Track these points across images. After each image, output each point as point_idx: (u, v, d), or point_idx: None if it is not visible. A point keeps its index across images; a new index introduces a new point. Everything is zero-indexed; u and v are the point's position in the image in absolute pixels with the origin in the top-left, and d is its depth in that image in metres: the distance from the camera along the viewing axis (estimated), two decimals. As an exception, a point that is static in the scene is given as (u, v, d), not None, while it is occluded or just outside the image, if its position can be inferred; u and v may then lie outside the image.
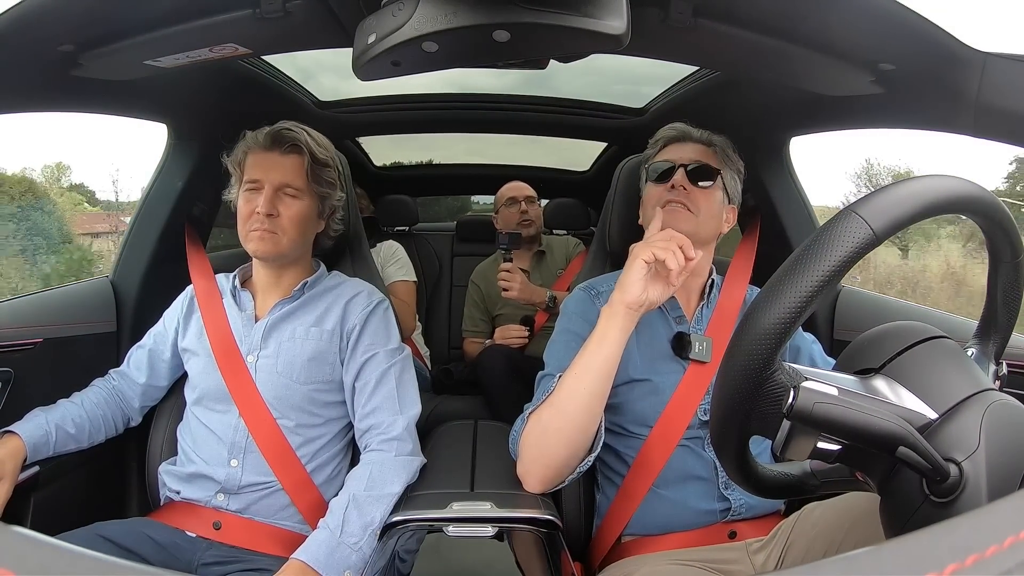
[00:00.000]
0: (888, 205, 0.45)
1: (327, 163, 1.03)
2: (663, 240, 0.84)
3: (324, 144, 1.04)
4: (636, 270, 0.83)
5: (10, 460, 0.89)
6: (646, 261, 0.83)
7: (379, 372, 1.00)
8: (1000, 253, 0.52)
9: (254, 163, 0.99)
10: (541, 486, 0.87)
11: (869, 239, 0.44)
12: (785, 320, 0.45)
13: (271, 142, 0.99)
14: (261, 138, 1.00)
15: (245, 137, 1.02)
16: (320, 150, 1.02)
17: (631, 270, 0.84)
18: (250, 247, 0.99)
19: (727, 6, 0.75)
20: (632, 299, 0.83)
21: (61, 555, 0.26)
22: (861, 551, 0.24)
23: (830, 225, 0.45)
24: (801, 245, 0.46)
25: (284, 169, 0.98)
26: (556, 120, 1.91)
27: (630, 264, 0.85)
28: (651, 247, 0.83)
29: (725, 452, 0.54)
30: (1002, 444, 0.44)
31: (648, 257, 0.82)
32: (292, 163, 0.99)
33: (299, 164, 0.99)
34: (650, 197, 1.00)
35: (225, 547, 0.94)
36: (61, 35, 0.77)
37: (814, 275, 0.44)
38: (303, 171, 0.99)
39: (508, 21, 0.61)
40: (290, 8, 0.74)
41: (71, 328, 1.16)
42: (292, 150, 0.99)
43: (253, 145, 1.00)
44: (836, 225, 0.45)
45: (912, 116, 0.98)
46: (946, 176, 0.47)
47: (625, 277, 0.85)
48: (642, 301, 0.84)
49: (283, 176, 0.98)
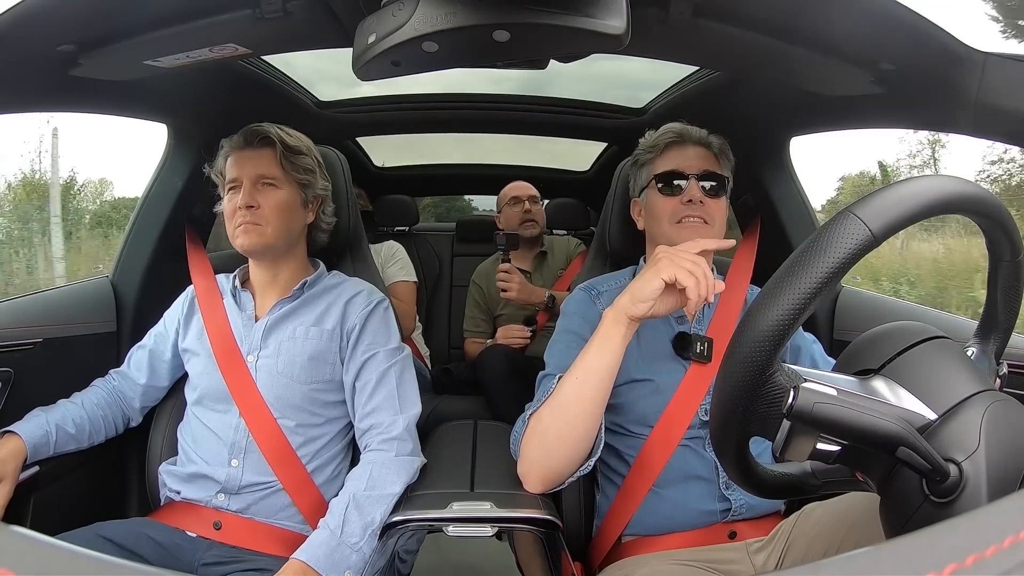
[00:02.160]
0: (886, 206, 0.44)
1: (300, 150, 1.05)
2: (691, 263, 0.79)
3: (296, 135, 1.07)
4: (654, 286, 0.79)
5: (11, 460, 0.89)
6: (666, 280, 0.79)
7: (379, 372, 1.00)
8: (1000, 252, 0.52)
9: (232, 164, 1.03)
10: (542, 486, 0.87)
11: (867, 241, 0.44)
12: (783, 322, 0.45)
13: (244, 141, 1.03)
14: (235, 140, 1.04)
15: (223, 146, 1.05)
16: (291, 139, 1.04)
17: (648, 284, 0.80)
18: (237, 243, 1.01)
19: (727, 6, 0.75)
20: (639, 314, 0.81)
21: (61, 555, 0.26)
22: (861, 551, 0.24)
23: (828, 227, 0.45)
24: (799, 247, 0.46)
25: (258, 162, 1.01)
26: (556, 120, 1.90)
27: (651, 277, 0.80)
28: (676, 269, 0.78)
29: (725, 454, 0.54)
30: (1002, 444, 0.44)
31: (670, 279, 0.79)
32: (265, 155, 1.02)
33: (273, 155, 1.02)
34: (663, 211, 0.97)
35: (225, 547, 0.94)
36: (61, 35, 0.77)
37: (811, 278, 0.44)
38: (277, 160, 1.02)
39: (508, 21, 0.61)
40: (290, 8, 0.74)
41: (71, 328, 1.16)
42: (264, 143, 1.02)
43: (229, 149, 1.04)
44: (834, 227, 0.45)
45: (912, 116, 0.98)
46: (944, 176, 0.48)
47: (640, 288, 0.81)
48: (648, 316, 0.82)
49: (258, 168, 1.01)
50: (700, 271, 0.78)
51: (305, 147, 1.06)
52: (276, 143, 1.02)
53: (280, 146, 1.02)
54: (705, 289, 0.78)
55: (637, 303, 0.81)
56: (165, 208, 1.29)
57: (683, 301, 0.81)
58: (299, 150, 1.05)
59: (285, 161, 1.02)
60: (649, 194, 1.01)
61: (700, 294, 0.77)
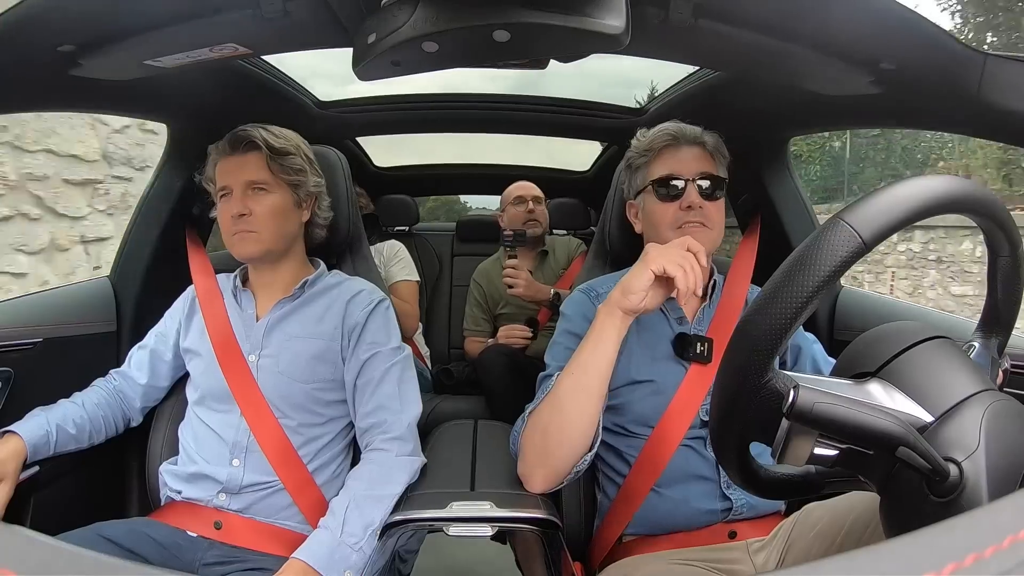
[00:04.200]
0: (876, 212, 0.45)
1: (287, 151, 1.04)
2: (679, 254, 0.82)
3: (282, 135, 1.05)
4: (644, 279, 0.82)
5: (11, 460, 0.89)
6: (655, 272, 0.81)
7: (380, 371, 1.00)
8: (998, 248, 0.52)
9: (221, 171, 1.02)
10: (543, 486, 0.87)
11: (857, 248, 0.44)
12: (776, 331, 0.45)
13: (230, 146, 1.02)
14: (221, 145, 1.03)
15: (210, 152, 1.05)
16: (277, 140, 1.03)
17: (639, 277, 0.82)
18: (235, 252, 1.01)
19: (727, 6, 0.75)
20: (631, 305, 0.83)
21: (61, 555, 0.26)
22: (861, 551, 0.24)
23: (818, 236, 0.45)
24: (791, 255, 0.46)
25: (246, 167, 1.01)
26: (556, 120, 1.91)
27: (641, 270, 0.82)
28: (665, 261, 0.81)
29: (725, 458, 0.54)
30: (1002, 444, 0.44)
31: (659, 270, 0.81)
32: (253, 160, 1.01)
33: (259, 159, 1.01)
34: (662, 217, 0.97)
35: (226, 547, 0.94)
36: (61, 35, 0.77)
37: (803, 287, 0.44)
38: (264, 164, 1.01)
39: (508, 21, 0.61)
40: (290, 8, 0.74)
41: (71, 328, 1.16)
42: (249, 147, 1.01)
43: (217, 155, 1.03)
44: (824, 235, 0.45)
45: (912, 116, 0.98)
46: (936, 177, 0.48)
47: (630, 281, 0.83)
48: (640, 308, 0.83)
49: (247, 174, 1.00)
50: (688, 263, 0.81)
51: (293, 146, 1.05)
52: (262, 146, 1.01)
53: (266, 149, 1.01)
54: (693, 281, 0.80)
55: (628, 295, 0.83)
56: (165, 208, 1.29)
57: (671, 289, 0.83)
58: (286, 151, 1.03)
59: (273, 164, 1.01)
60: (646, 199, 1.01)
61: (688, 285, 0.80)
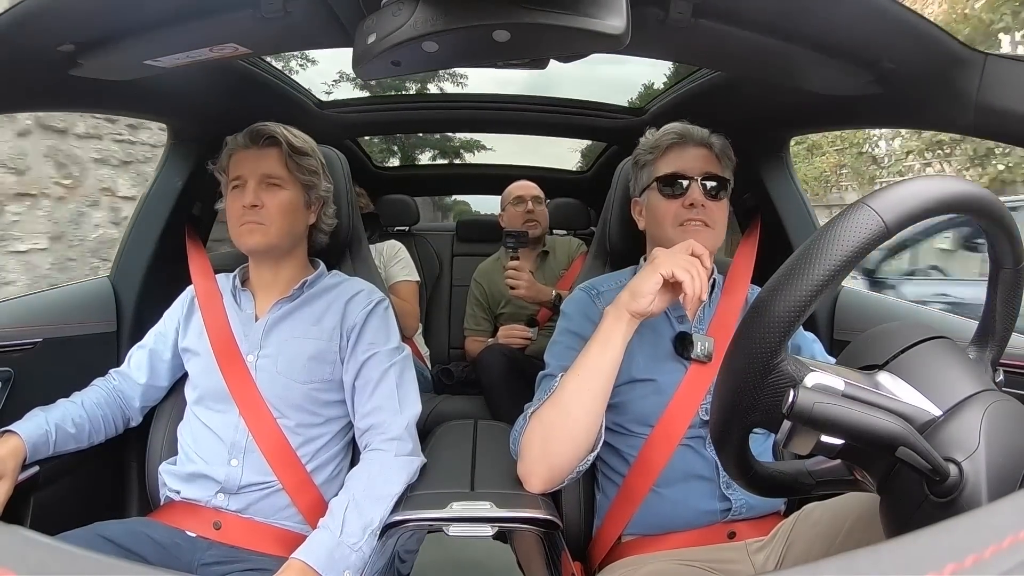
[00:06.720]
0: (900, 199, 0.45)
1: (305, 151, 1.05)
2: (686, 259, 0.84)
3: (301, 136, 1.07)
4: (652, 282, 0.84)
5: (10, 459, 0.89)
6: (664, 276, 0.83)
7: (379, 371, 1.00)
8: (1003, 259, 0.53)
9: (236, 162, 1.03)
10: (543, 486, 0.87)
11: (880, 232, 0.45)
12: (795, 309, 0.45)
13: (249, 140, 1.03)
14: (240, 139, 1.04)
15: (227, 143, 1.06)
16: (296, 140, 1.05)
17: (647, 280, 0.84)
18: (241, 242, 1.02)
19: (727, 6, 0.75)
20: (639, 309, 0.85)
21: (61, 555, 0.26)
22: (861, 551, 0.24)
23: (842, 216, 0.46)
24: (812, 235, 0.46)
25: (264, 161, 1.02)
26: (556, 120, 1.91)
27: (649, 274, 0.84)
28: (674, 265, 0.83)
29: (725, 446, 0.54)
30: (1002, 444, 0.44)
31: (668, 275, 0.83)
32: (271, 155, 1.02)
33: (278, 155, 1.03)
34: (665, 214, 0.99)
35: (225, 547, 0.94)
36: (61, 35, 0.77)
37: (825, 265, 0.44)
38: (282, 160, 1.02)
39: (508, 21, 0.61)
40: (290, 8, 0.74)
41: (71, 328, 1.16)
42: (270, 143, 1.03)
43: (234, 147, 1.04)
44: (848, 217, 0.45)
45: (912, 116, 0.98)
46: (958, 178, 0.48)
47: (639, 284, 0.85)
48: (648, 311, 0.85)
49: (263, 167, 1.01)
50: (695, 269, 0.83)
51: (310, 148, 1.07)
52: (282, 143, 1.02)
53: (286, 146, 1.02)
54: (699, 286, 0.82)
55: (637, 298, 0.84)
56: (165, 208, 1.29)
57: (678, 293, 0.85)
58: (304, 151, 1.05)
59: (290, 161, 1.03)
60: (651, 195, 1.02)
61: (695, 290, 0.82)
